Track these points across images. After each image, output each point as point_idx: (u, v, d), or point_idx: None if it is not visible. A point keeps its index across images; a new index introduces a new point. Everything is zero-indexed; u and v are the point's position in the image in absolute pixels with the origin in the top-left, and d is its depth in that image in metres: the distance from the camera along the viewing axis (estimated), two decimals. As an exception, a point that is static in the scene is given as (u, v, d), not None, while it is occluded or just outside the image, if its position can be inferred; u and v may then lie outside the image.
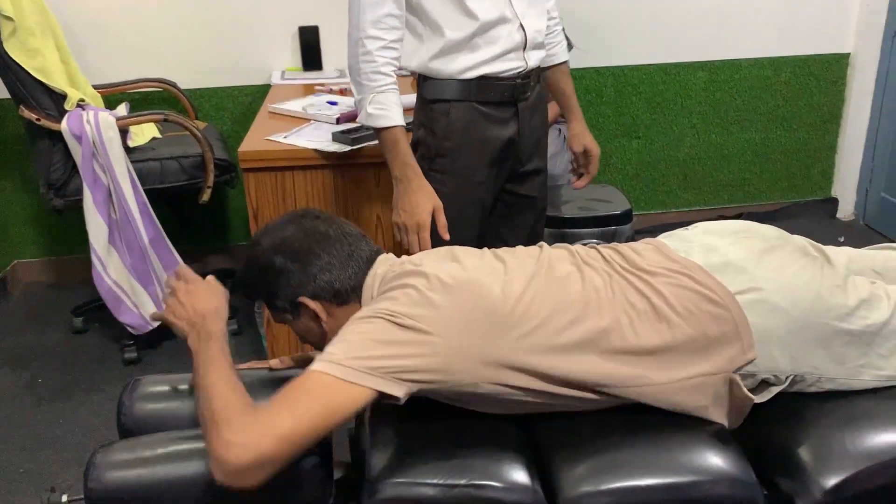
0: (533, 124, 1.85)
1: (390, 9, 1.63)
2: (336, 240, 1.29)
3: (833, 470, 1.15)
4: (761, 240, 1.32)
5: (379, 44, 1.62)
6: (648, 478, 1.15)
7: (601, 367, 1.18)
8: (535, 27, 1.74)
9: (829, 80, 3.40)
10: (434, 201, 1.68)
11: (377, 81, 1.63)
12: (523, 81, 1.76)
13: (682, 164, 3.42)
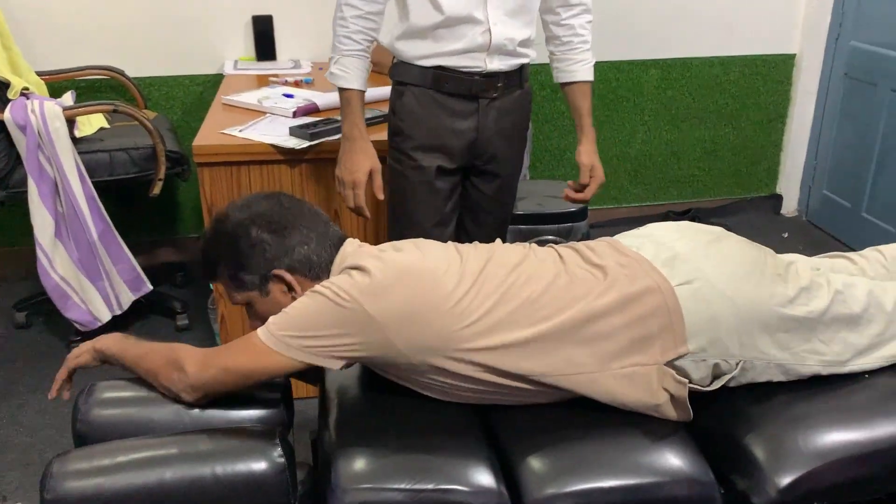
0: (500, 126, 1.85)
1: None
2: (311, 217, 1.37)
3: (787, 469, 1.19)
4: (707, 233, 1.42)
5: (355, 12, 1.73)
6: (611, 479, 1.18)
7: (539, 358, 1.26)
8: (505, 35, 1.75)
9: (775, 80, 3.49)
10: (373, 163, 1.80)
11: (345, 45, 1.75)
12: (484, 80, 1.78)
13: (634, 160, 3.47)
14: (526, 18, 1.79)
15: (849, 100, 3.30)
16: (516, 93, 1.86)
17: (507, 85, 1.82)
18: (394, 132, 1.86)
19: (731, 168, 3.60)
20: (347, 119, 1.78)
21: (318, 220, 1.38)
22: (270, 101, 2.35)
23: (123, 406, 1.31)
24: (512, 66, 1.81)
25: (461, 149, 1.84)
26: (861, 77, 3.20)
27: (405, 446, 1.22)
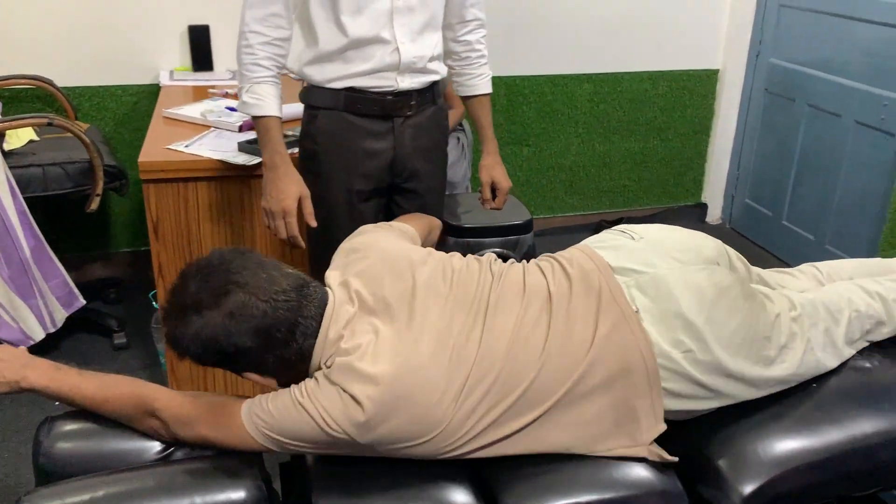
0: (417, 143, 1.86)
1: (277, 9, 1.68)
2: (296, 312, 1.21)
3: (749, 478, 1.25)
4: (715, 284, 1.33)
5: (261, 39, 1.69)
6: (587, 495, 1.21)
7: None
8: (414, 53, 1.76)
9: (700, 94, 3.64)
10: (301, 189, 1.75)
11: (254, 72, 1.70)
12: (397, 99, 1.79)
13: (569, 170, 3.56)
14: (433, 36, 1.82)
15: (769, 113, 3.47)
16: (430, 109, 1.88)
17: (420, 102, 1.84)
18: (308, 156, 1.84)
19: (660, 178, 3.74)
20: (267, 147, 1.72)
21: (302, 309, 1.21)
22: (214, 116, 2.31)
23: (88, 438, 1.26)
24: (423, 83, 1.83)
25: (380, 169, 1.85)
26: (780, 92, 3.38)
27: (382, 471, 1.23)
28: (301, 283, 1.24)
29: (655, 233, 1.45)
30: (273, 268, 1.23)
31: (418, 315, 1.25)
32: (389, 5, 1.71)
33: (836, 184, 3.09)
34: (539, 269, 1.38)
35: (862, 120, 2.93)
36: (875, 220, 2.89)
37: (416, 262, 1.34)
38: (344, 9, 1.69)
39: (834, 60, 3.06)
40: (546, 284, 1.33)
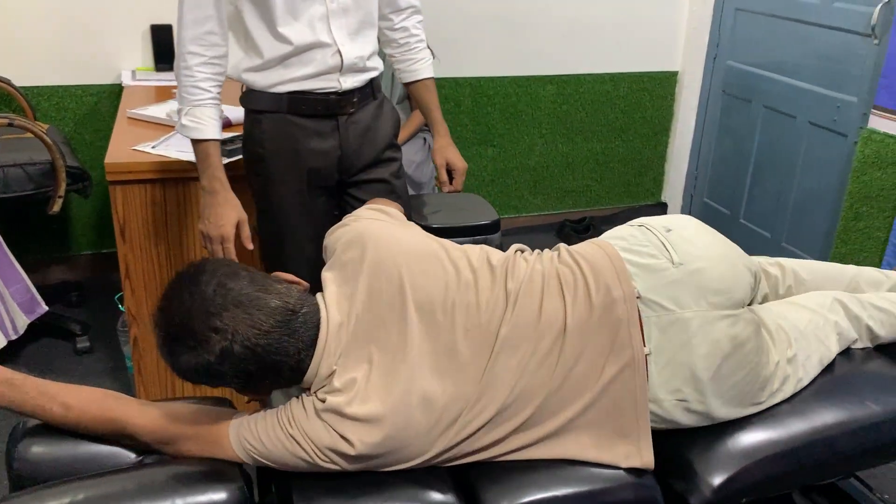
0: (364, 139, 1.87)
1: (212, 27, 1.67)
2: (282, 353, 1.19)
3: (718, 470, 1.30)
4: (730, 339, 1.30)
5: (199, 59, 1.67)
6: (563, 488, 1.24)
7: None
8: (355, 53, 1.78)
9: (660, 96, 3.72)
10: (239, 214, 1.76)
11: (194, 95, 1.69)
12: (339, 98, 1.80)
13: (533, 171, 3.60)
14: (369, 34, 1.83)
15: (726, 115, 3.56)
16: (371, 104, 1.89)
17: (361, 99, 1.85)
18: (255, 159, 1.83)
19: (621, 178, 3.81)
20: (206, 172, 1.72)
21: (285, 348, 1.19)
22: (181, 116, 2.28)
23: (62, 442, 1.24)
24: (363, 81, 1.84)
25: (328, 168, 1.85)
26: (737, 94, 3.47)
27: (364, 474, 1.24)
28: (288, 314, 1.19)
29: (699, 258, 1.32)
30: (256, 301, 1.17)
31: (416, 340, 1.22)
32: (324, 9, 1.71)
33: (792, 183, 3.18)
34: (560, 291, 1.29)
35: (815, 121, 3.03)
36: (829, 217, 2.99)
37: (416, 275, 1.27)
38: (280, 20, 1.68)
39: (788, 63, 3.15)
40: (564, 315, 1.27)
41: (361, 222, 1.40)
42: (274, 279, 1.25)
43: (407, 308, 1.25)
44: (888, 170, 2.65)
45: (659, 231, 1.37)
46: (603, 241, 1.40)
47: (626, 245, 1.36)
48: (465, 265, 1.32)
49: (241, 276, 1.20)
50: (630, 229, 1.42)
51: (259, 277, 1.22)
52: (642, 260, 1.32)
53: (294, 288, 1.25)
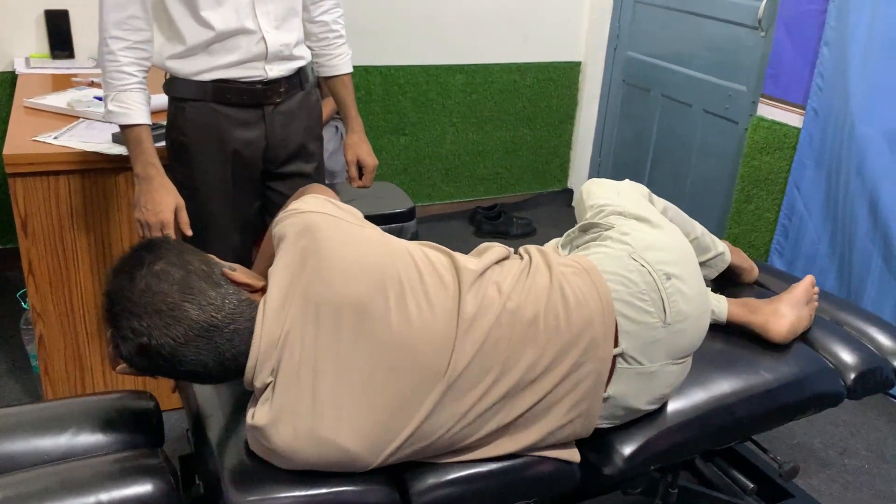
0: (289, 129, 1.88)
1: (134, 11, 1.64)
2: (210, 356, 1.15)
3: (629, 440, 1.38)
4: (678, 381, 1.40)
5: (122, 44, 1.64)
6: (484, 465, 1.29)
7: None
8: (280, 41, 1.78)
9: (564, 85, 3.83)
10: (177, 199, 1.73)
11: (119, 80, 1.66)
12: (266, 87, 1.80)
13: (445, 159, 3.65)
14: (294, 21, 1.83)
15: (627, 103, 3.71)
16: (298, 94, 1.90)
17: (288, 89, 1.85)
18: (178, 147, 1.81)
19: (530, 166, 3.91)
20: (140, 158, 1.68)
21: (205, 356, 1.14)
22: (83, 105, 2.21)
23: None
24: (290, 69, 1.84)
25: (252, 157, 1.85)
26: (637, 83, 3.62)
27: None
28: (211, 330, 1.13)
29: (687, 317, 1.33)
30: (176, 310, 1.11)
31: (355, 373, 1.15)
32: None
33: (688, 168, 3.35)
34: (535, 332, 1.23)
35: (710, 109, 3.19)
36: (723, 200, 3.17)
37: (365, 298, 1.16)
38: (202, 4, 1.66)
39: (684, 54, 3.31)
40: (535, 364, 1.23)
41: (311, 216, 1.22)
42: (220, 280, 1.17)
43: (345, 323, 1.16)
44: (776, 154, 2.84)
45: (660, 278, 1.31)
46: (601, 283, 1.29)
47: (625, 294, 1.29)
48: (419, 276, 1.22)
49: (174, 274, 1.13)
50: (632, 265, 1.32)
51: (196, 278, 1.14)
52: (637, 316, 1.29)
53: (233, 297, 1.16)
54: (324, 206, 1.24)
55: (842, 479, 2.18)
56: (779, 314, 1.64)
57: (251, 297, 1.20)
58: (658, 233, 1.42)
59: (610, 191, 1.58)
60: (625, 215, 1.46)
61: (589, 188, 1.63)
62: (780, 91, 2.81)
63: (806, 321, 1.68)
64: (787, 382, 1.54)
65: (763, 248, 2.96)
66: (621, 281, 1.30)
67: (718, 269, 1.80)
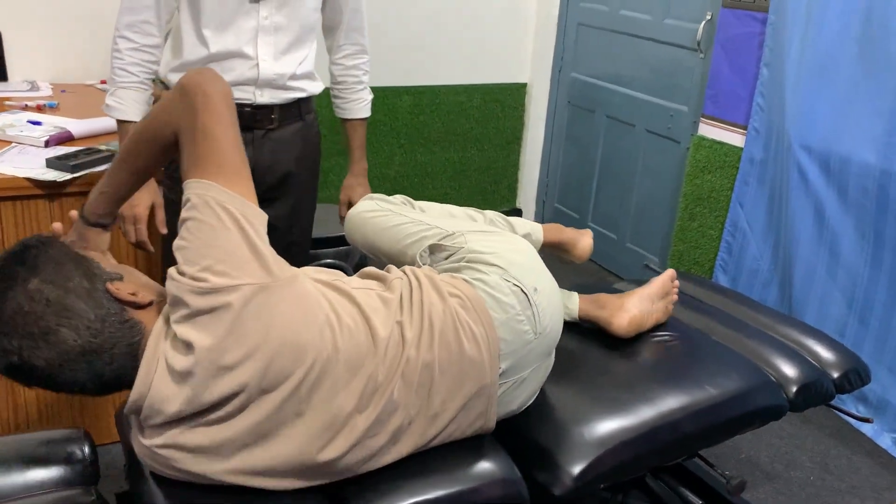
0: (278, 157, 1.89)
1: (148, 16, 1.73)
2: (92, 375, 1.11)
3: (576, 459, 1.37)
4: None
5: (130, 45, 1.74)
6: (432, 492, 1.27)
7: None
8: (275, 70, 1.81)
9: (511, 106, 3.86)
10: (154, 198, 1.78)
11: (120, 77, 1.75)
12: (255, 111, 1.83)
13: (393, 180, 3.64)
14: (299, 55, 1.86)
15: (572, 124, 3.76)
16: (296, 125, 1.92)
17: (283, 116, 1.87)
18: (170, 161, 1.81)
19: (478, 186, 3.92)
20: None
21: (90, 375, 1.10)
22: (16, 130, 2.14)
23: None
24: (285, 99, 1.86)
25: None
26: (582, 104, 3.67)
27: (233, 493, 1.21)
28: (89, 355, 1.08)
29: (551, 319, 1.39)
30: (49, 335, 1.05)
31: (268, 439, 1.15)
32: (255, 24, 1.75)
33: (633, 187, 3.40)
34: (430, 376, 1.25)
35: (652, 129, 3.26)
36: (667, 218, 3.22)
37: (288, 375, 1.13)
38: (206, 22, 1.73)
39: (626, 75, 3.37)
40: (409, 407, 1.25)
41: (243, 291, 1.10)
42: (101, 298, 1.11)
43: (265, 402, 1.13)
44: (717, 173, 2.90)
45: (531, 293, 1.36)
46: (486, 317, 1.31)
47: (504, 318, 1.32)
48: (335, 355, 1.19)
49: (48, 293, 1.06)
50: (506, 287, 1.34)
51: (74, 298, 1.08)
52: (515, 338, 1.33)
53: (114, 319, 1.11)
54: (241, 255, 1.12)
55: (788, 491, 2.21)
56: (623, 309, 1.68)
57: (135, 315, 1.13)
58: (505, 241, 1.46)
59: (393, 214, 1.56)
60: (459, 232, 1.46)
61: (370, 226, 1.59)
62: (720, 111, 2.88)
63: (658, 315, 1.72)
64: (732, 397, 1.56)
65: (707, 264, 3.01)
66: (501, 307, 1.32)
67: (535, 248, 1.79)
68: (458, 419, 1.31)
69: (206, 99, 1.15)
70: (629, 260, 3.48)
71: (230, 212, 1.11)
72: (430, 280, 1.33)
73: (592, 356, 1.65)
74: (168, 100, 1.19)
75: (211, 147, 1.14)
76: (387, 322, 1.24)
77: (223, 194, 1.12)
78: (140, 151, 1.23)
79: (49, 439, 1.31)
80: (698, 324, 1.83)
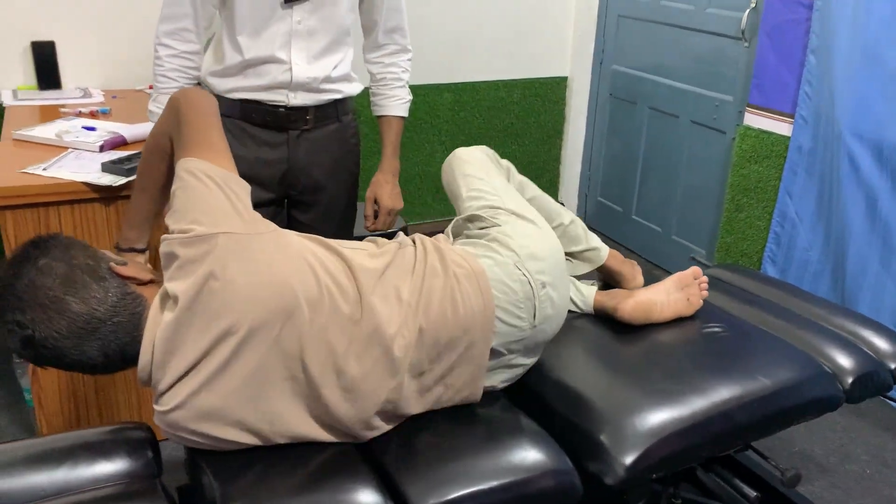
0: (314, 158, 1.90)
1: (186, 24, 1.77)
2: (99, 344, 1.19)
3: (629, 449, 1.37)
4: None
5: (170, 52, 1.78)
6: (487, 482, 1.28)
7: None
8: (308, 74, 1.82)
9: (551, 101, 3.85)
10: None
11: (162, 83, 1.81)
12: (290, 112, 1.85)
13: (435, 177, 3.66)
14: (333, 58, 1.86)
15: (614, 117, 3.73)
16: (333, 126, 1.93)
17: (319, 117, 1.88)
18: None
19: (520, 181, 3.91)
20: None
21: (97, 344, 1.18)
22: (71, 136, 2.21)
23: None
24: (320, 101, 1.87)
25: (273, 179, 1.89)
26: (623, 97, 3.64)
27: (290, 483, 1.24)
28: (94, 322, 1.17)
29: (550, 319, 1.45)
30: (57, 304, 1.14)
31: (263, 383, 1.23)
32: (289, 28, 1.77)
33: (678, 179, 3.36)
34: (421, 338, 1.32)
35: (697, 120, 3.22)
36: (713, 210, 3.18)
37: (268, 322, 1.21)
38: (240, 29, 1.76)
39: (669, 66, 3.34)
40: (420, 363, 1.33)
41: (218, 240, 1.20)
42: (104, 273, 1.21)
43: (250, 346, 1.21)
44: (764, 163, 2.85)
45: (537, 287, 1.41)
46: (487, 290, 1.37)
47: (504, 301, 1.38)
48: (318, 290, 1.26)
49: (56, 268, 1.16)
50: (516, 274, 1.40)
51: (79, 272, 1.18)
52: (510, 320, 1.39)
53: (116, 291, 1.20)
54: (224, 209, 1.22)
55: (844, 484, 2.17)
56: (631, 295, 1.71)
57: (137, 289, 1.23)
58: (538, 236, 1.50)
59: (479, 169, 1.64)
60: (506, 210, 1.53)
61: (459, 166, 1.67)
62: (766, 100, 2.84)
63: (678, 305, 1.71)
64: (786, 387, 1.54)
65: (755, 256, 2.96)
66: (503, 290, 1.38)
67: (593, 264, 1.82)
68: (447, 382, 1.36)
69: (187, 100, 1.32)
70: (675, 253, 3.44)
71: (213, 178, 1.24)
72: (437, 252, 1.40)
73: (643, 349, 1.64)
74: (163, 115, 1.37)
75: (193, 133, 1.29)
76: (371, 276, 1.30)
77: (206, 165, 1.25)
78: (149, 169, 1.40)
79: (113, 433, 1.35)
80: (749, 315, 1.81)
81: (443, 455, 1.32)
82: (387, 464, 1.32)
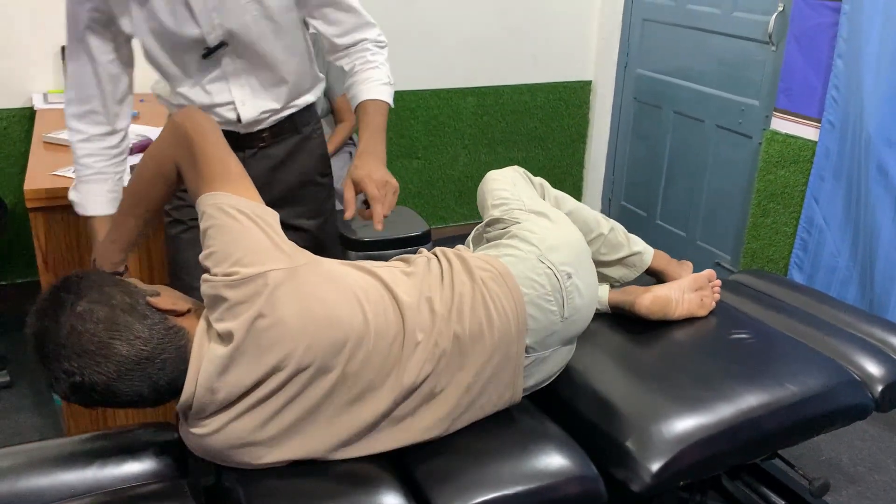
0: (277, 174, 1.79)
1: (94, 107, 1.59)
2: (149, 381, 1.18)
3: (655, 456, 1.36)
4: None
5: (80, 136, 1.61)
6: (511, 487, 1.28)
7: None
8: (257, 110, 1.69)
9: (575, 105, 3.84)
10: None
11: (78, 171, 1.63)
12: (243, 136, 1.71)
13: (457, 181, 3.66)
14: (278, 92, 1.70)
15: (639, 121, 3.71)
16: (293, 139, 1.79)
17: (275, 133, 1.75)
18: None
19: (543, 185, 3.91)
20: (95, 242, 1.60)
21: (147, 382, 1.17)
22: (101, 139, 2.23)
23: (24, 476, 1.22)
24: (273, 121, 1.74)
25: None
26: (648, 101, 3.62)
27: (314, 483, 1.25)
28: (142, 362, 1.15)
29: (580, 310, 1.46)
30: (105, 348, 1.12)
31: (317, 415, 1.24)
32: (221, 72, 1.63)
33: (703, 183, 3.34)
34: (460, 348, 1.31)
35: (722, 124, 3.19)
36: (739, 215, 3.15)
37: (322, 361, 1.22)
38: (175, 85, 1.65)
39: (694, 70, 3.32)
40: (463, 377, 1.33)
41: (271, 276, 1.20)
42: (145, 310, 1.19)
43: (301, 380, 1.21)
44: (791, 168, 2.83)
45: (562, 278, 1.42)
46: (516, 289, 1.37)
47: (534, 296, 1.39)
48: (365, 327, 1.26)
49: (97, 312, 1.14)
50: (540, 268, 1.42)
51: (121, 313, 1.16)
52: (542, 316, 1.40)
53: (159, 327, 1.18)
54: (264, 245, 1.21)
55: (872, 495, 2.14)
56: (649, 290, 1.72)
57: (178, 322, 1.22)
58: (556, 229, 1.52)
59: (507, 182, 1.69)
60: (525, 210, 1.56)
61: (488, 185, 1.72)
62: (794, 105, 2.81)
63: (690, 305, 1.73)
64: (814, 395, 1.52)
65: (782, 261, 2.93)
66: (531, 284, 1.39)
67: (638, 269, 1.83)
68: (489, 390, 1.36)
69: (195, 126, 1.26)
70: (700, 258, 3.42)
71: (244, 212, 1.21)
72: (460, 260, 1.40)
73: (668, 353, 1.64)
74: (161, 139, 1.30)
75: (212, 164, 1.24)
76: (411, 291, 1.31)
77: (234, 199, 1.22)
78: (145, 194, 1.35)
79: (141, 434, 1.37)
80: (776, 322, 1.79)
81: (468, 459, 1.32)
82: (411, 467, 1.32)
